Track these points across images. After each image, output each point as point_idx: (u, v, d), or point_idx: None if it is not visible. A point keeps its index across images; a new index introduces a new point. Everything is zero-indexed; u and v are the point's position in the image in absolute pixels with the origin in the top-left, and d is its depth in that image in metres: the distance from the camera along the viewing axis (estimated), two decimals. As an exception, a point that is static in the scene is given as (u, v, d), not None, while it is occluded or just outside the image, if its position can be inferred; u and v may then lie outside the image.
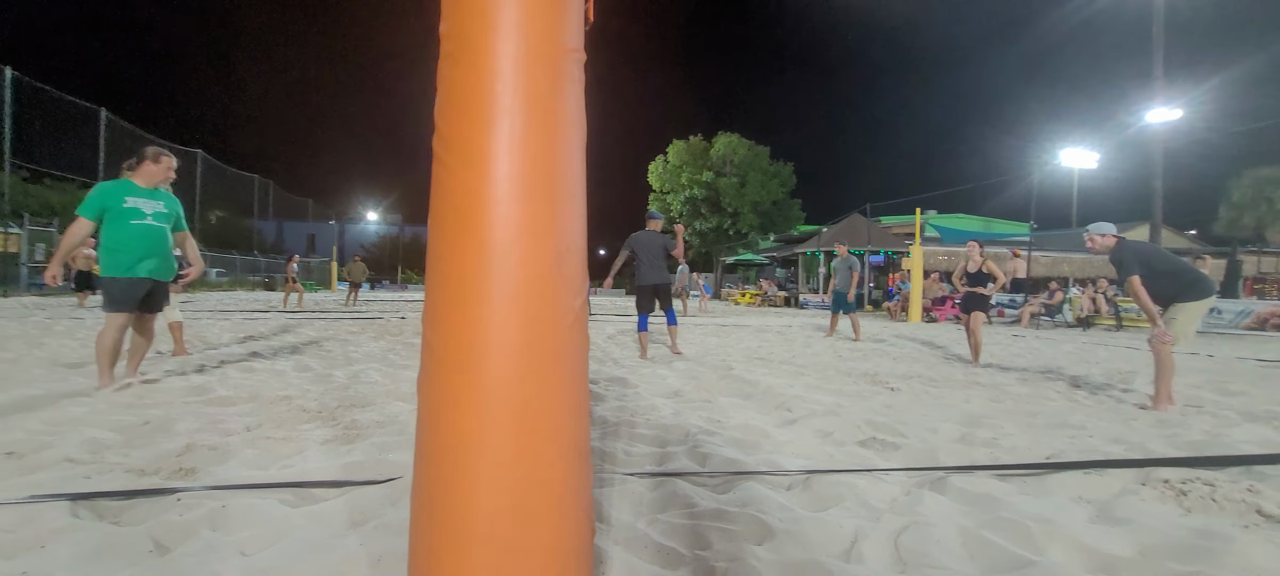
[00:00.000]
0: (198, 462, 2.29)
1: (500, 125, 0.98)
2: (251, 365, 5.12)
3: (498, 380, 0.95)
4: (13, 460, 2.39)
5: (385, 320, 10.90)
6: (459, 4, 1.02)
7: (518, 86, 0.99)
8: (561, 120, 1.04)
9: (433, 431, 0.97)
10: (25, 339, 6.80)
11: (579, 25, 1.11)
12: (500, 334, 0.95)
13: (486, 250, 0.96)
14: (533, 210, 0.99)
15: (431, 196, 1.05)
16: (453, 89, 1.02)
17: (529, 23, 1.01)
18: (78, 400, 3.54)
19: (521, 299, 0.97)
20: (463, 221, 0.98)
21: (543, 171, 1.00)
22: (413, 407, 3.35)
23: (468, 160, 0.99)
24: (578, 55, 1.09)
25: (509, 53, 0.99)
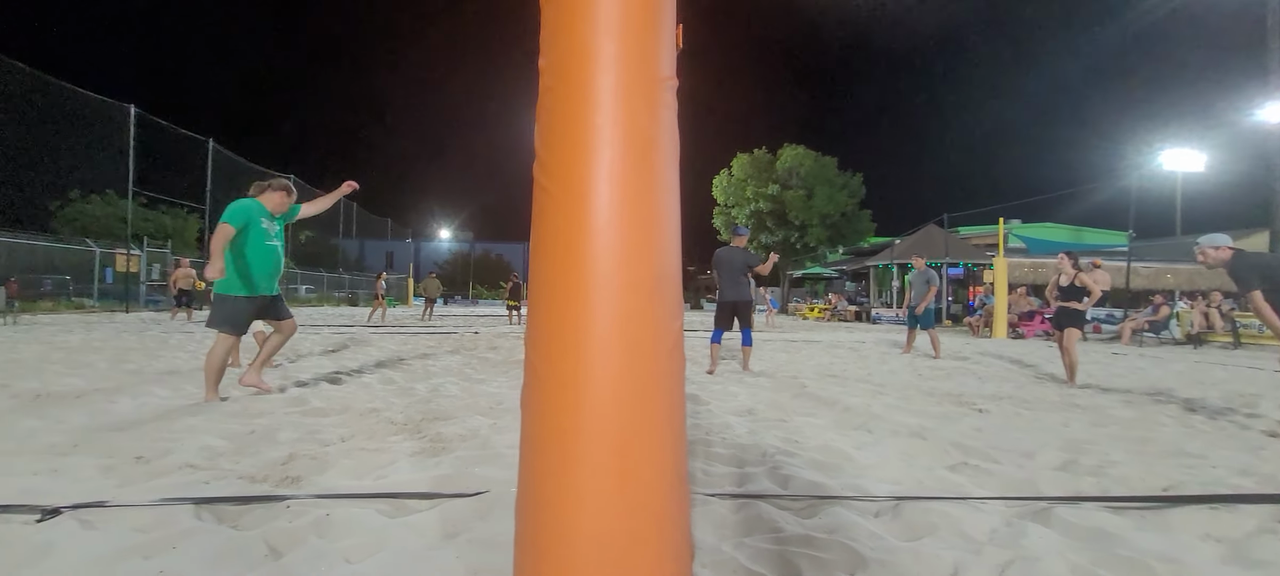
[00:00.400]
0: (301, 471, 2.44)
1: (600, 155, 1.01)
2: (341, 378, 5.42)
3: (600, 404, 0.96)
4: (142, 465, 2.62)
5: (460, 335, 11.30)
6: (558, 40, 1.06)
7: (617, 117, 1.02)
8: (657, 148, 1.06)
9: (537, 452, 1.00)
10: (144, 351, 7.47)
11: (672, 54, 1.12)
12: (602, 358, 0.97)
13: (588, 277, 0.99)
14: (632, 237, 1.00)
15: (533, 223, 1.08)
16: (553, 120, 1.05)
17: (626, 55, 1.03)
18: (192, 408, 3.85)
19: (622, 325, 0.98)
20: (565, 248, 1.01)
21: (641, 199, 1.02)
22: (492, 422, 3.45)
23: (569, 189, 1.02)
24: (671, 83, 1.11)
25: (607, 84, 1.02)
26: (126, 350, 7.49)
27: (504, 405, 4.04)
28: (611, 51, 1.02)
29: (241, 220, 4.17)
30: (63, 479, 2.38)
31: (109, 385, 4.82)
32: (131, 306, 19.51)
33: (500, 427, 3.30)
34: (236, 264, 4.20)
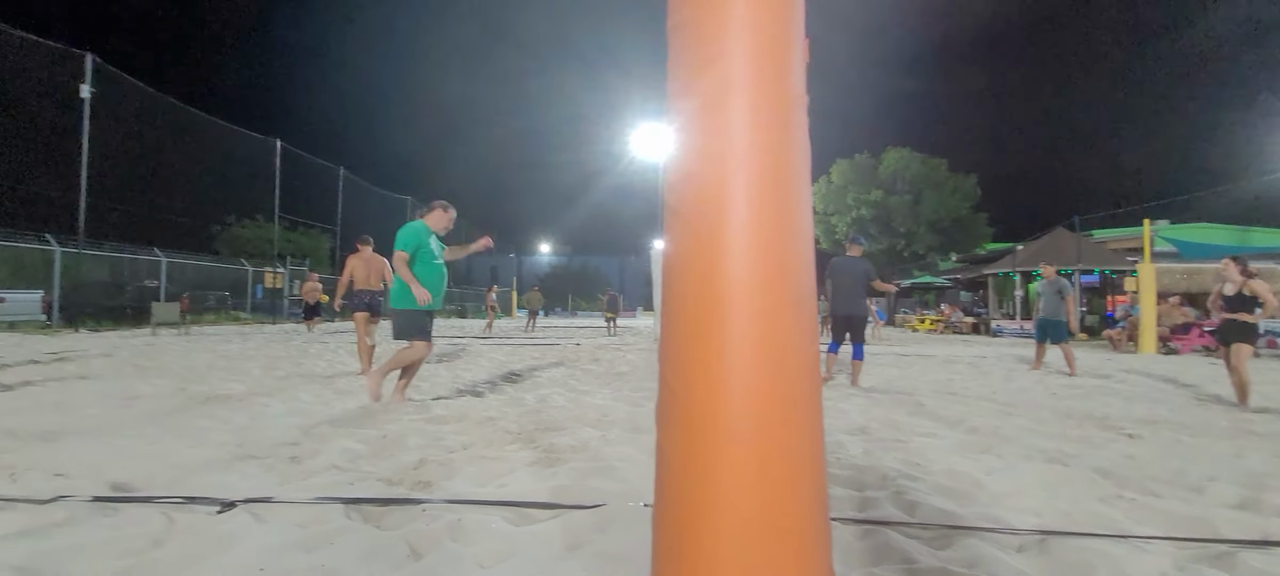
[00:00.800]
0: (431, 476, 2.60)
1: (735, 178, 1.00)
2: (457, 387, 5.75)
3: (740, 428, 0.95)
4: (295, 464, 2.91)
5: (562, 347, 11.66)
6: (689, 63, 1.07)
7: (750, 139, 1.01)
8: (792, 169, 1.04)
9: (676, 471, 1.01)
10: (288, 359, 8.32)
11: (803, 71, 1.10)
12: (741, 382, 0.96)
13: (724, 299, 0.98)
14: (768, 259, 0.99)
15: (666, 244, 1.10)
16: (685, 144, 1.06)
17: (759, 76, 1.02)
18: (331, 412, 4.23)
19: (761, 348, 0.97)
20: (700, 271, 1.02)
21: (775, 221, 1.00)
22: (602, 435, 3.52)
23: (703, 213, 1.02)
24: (802, 100, 1.09)
25: (741, 105, 1.02)
26: (275, 358, 8.37)
27: (610, 418, 4.12)
28: (743, 72, 1.02)
29: (414, 243, 4.59)
30: (233, 474, 2.69)
31: (262, 390, 5.40)
32: (278, 318, 21.82)
33: (609, 440, 3.36)
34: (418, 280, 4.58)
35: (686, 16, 1.10)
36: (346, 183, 31.13)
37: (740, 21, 1.04)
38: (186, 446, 3.27)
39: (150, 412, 4.25)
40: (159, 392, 5.13)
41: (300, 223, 28.78)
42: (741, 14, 1.04)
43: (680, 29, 1.11)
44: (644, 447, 3.18)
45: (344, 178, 30.46)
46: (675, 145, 1.08)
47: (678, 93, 1.10)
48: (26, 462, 2.79)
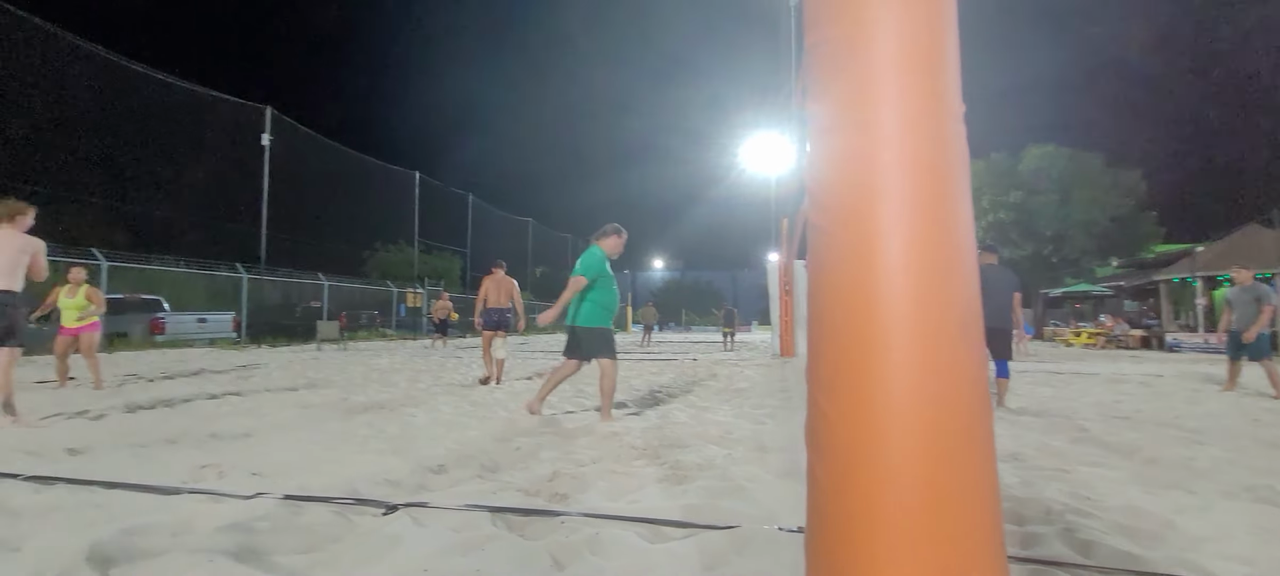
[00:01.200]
0: (566, 488, 2.71)
1: (887, 194, 0.97)
2: (581, 401, 5.95)
3: (903, 460, 0.91)
4: (443, 473, 3.14)
5: (679, 361, 11.71)
6: (836, 78, 1.05)
7: (904, 154, 0.97)
8: (951, 184, 0.98)
9: (832, 499, 0.98)
10: (429, 372, 9.04)
11: (958, 83, 1.04)
12: (903, 410, 0.91)
13: (881, 321, 0.95)
14: (929, 280, 0.94)
15: (811, 264, 1.08)
16: (832, 159, 1.04)
17: (912, 88, 0.98)
18: (470, 422, 4.53)
19: (924, 374, 0.92)
20: (853, 291, 0.98)
21: (935, 239, 0.95)
22: (727, 453, 3.49)
23: (854, 230, 0.99)
24: (959, 112, 1.03)
25: (892, 120, 0.98)
26: (417, 371, 9.14)
27: (733, 436, 4.07)
28: (895, 86, 0.98)
29: (596, 270, 4.83)
30: (392, 479, 2.96)
31: (408, 400, 5.91)
32: (417, 334, 23.85)
33: (735, 459, 3.32)
34: (601, 301, 4.84)
35: (829, 32, 1.08)
36: (475, 208, 33.53)
37: (889, 35, 1.01)
38: (352, 451, 3.65)
39: (321, 419, 4.79)
40: (326, 402, 5.78)
41: (435, 246, 31.39)
42: (890, 28, 1.00)
43: (823, 45, 1.09)
44: (771, 468, 3.10)
45: (473, 204, 32.82)
46: (819, 161, 1.06)
47: (821, 109, 1.08)
48: (230, 462, 3.24)
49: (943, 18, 1.03)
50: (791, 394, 6.40)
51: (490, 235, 34.83)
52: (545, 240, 41.08)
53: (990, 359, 5.69)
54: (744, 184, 28.10)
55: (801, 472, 2.93)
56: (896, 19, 0.99)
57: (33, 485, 2.78)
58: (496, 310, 7.49)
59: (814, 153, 1.08)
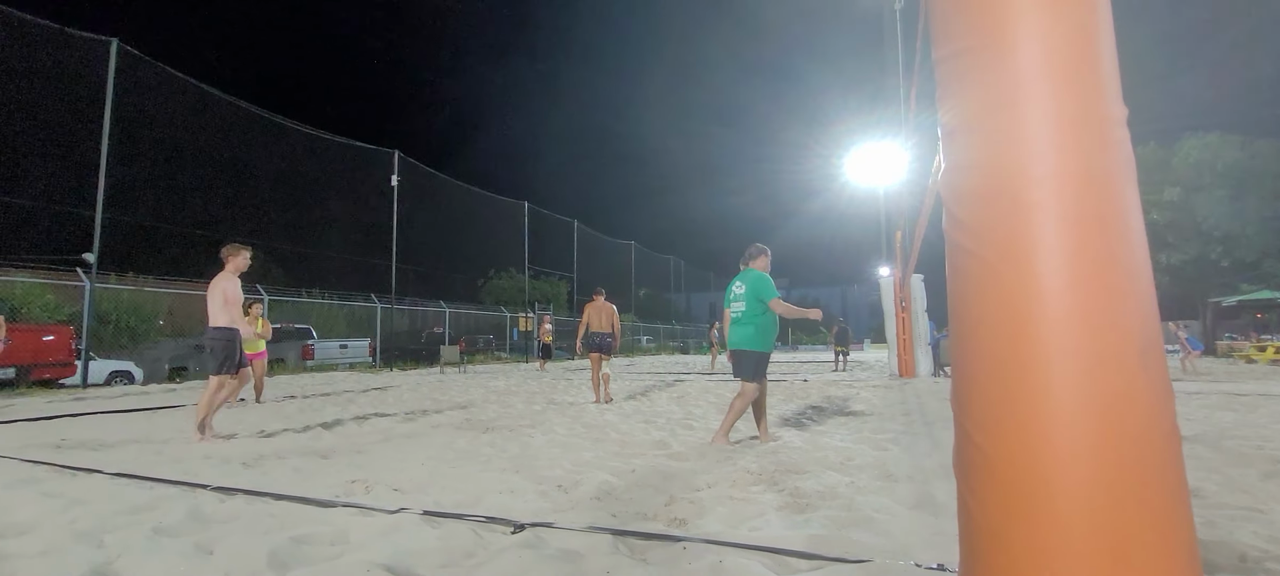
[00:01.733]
0: (684, 514, 2.70)
1: (1044, 212, 0.90)
2: (690, 423, 5.93)
3: (1077, 505, 0.82)
4: (563, 492, 3.24)
5: (788, 382, 11.37)
6: (974, 86, 1.00)
7: (1059, 168, 0.90)
8: (1116, 196, 0.89)
9: (991, 542, 0.91)
10: (542, 394, 9.39)
11: (1118, 86, 0.95)
12: (1075, 449, 0.83)
13: (1045, 351, 0.87)
14: (1099, 303, 0.86)
15: (955, 287, 1.02)
16: (977, 175, 0.98)
17: (1063, 96, 0.91)
18: (583, 443, 4.65)
19: (1098, 408, 0.83)
20: (1010, 318, 0.92)
21: (1103, 258, 0.87)
22: (849, 481, 3.33)
23: (1007, 251, 0.93)
24: (1122, 119, 0.93)
25: (1043, 132, 0.91)
26: (532, 393, 9.54)
27: (855, 462, 3.88)
28: (1045, 94, 0.91)
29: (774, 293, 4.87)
30: (517, 498, 3.10)
31: (526, 421, 6.17)
32: (529, 357, 24.92)
33: (859, 487, 3.16)
34: (765, 326, 4.82)
35: (966, 43, 1.02)
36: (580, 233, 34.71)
37: (1034, 40, 0.94)
38: (477, 469, 3.86)
39: (449, 438, 5.12)
40: (453, 422, 6.17)
41: (543, 271, 32.78)
42: (1036, 32, 0.94)
43: (958, 56, 1.04)
44: (900, 498, 2.92)
45: (578, 229, 34.00)
46: (960, 177, 1.01)
47: (959, 122, 1.02)
48: (374, 477, 3.54)
49: (1095, 14, 0.95)
50: (914, 417, 6.01)
51: (595, 259, 35.90)
52: (648, 261, 41.70)
53: None
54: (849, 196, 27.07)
55: (935, 504, 2.75)
56: (1042, 22, 0.92)
57: (218, 495, 3.19)
58: (598, 334, 7.96)
59: (953, 168, 1.02)
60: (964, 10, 1.00)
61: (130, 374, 13.78)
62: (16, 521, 2.75)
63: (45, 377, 11.05)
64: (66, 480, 3.60)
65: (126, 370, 13.80)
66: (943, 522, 2.53)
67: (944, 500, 2.87)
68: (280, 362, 15.78)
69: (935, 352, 12.54)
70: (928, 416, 6.01)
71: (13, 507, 2.96)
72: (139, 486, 3.39)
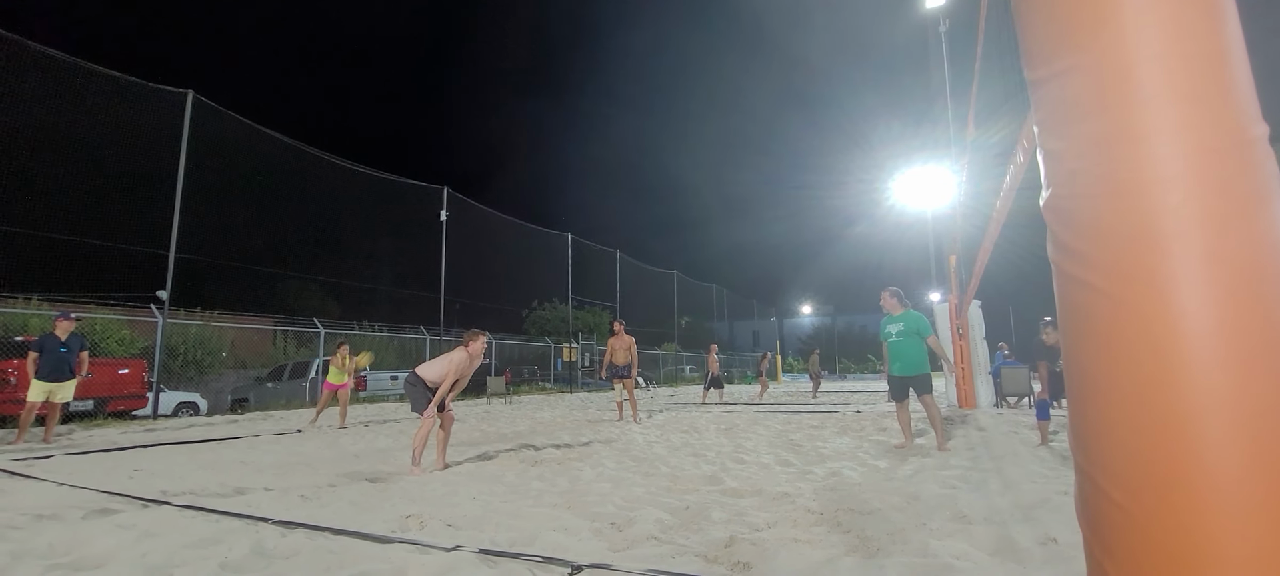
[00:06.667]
0: (748, 557, 2.59)
1: (1182, 244, 0.81)
2: (741, 456, 5.77)
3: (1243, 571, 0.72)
4: (617, 531, 3.17)
5: (840, 414, 11.03)
6: (1085, 113, 0.92)
7: (1196, 195, 0.81)
8: (1265, 229, 0.80)
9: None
10: (590, 425, 9.34)
11: (1254, 100, 0.86)
12: (1236, 516, 0.73)
13: (1197, 401, 0.78)
14: (1257, 346, 0.76)
15: (1072, 324, 0.93)
16: (1098, 206, 0.90)
17: (1193, 116, 0.83)
18: (631, 478, 4.56)
19: (1263, 469, 0.73)
20: (1151, 363, 0.82)
21: (1256, 296, 0.77)
22: (920, 523, 3.15)
23: (1143, 290, 0.84)
24: (1264, 136, 0.84)
25: (1173, 156, 0.83)
26: (578, 425, 9.50)
27: (921, 500, 3.68)
28: (1173, 115, 0.83)
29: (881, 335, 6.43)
30: (572, 536, 3.04)
31: (573, 455, 6.12)
32: (574, 388, 24.98)
33: (932, 531, 2.98)
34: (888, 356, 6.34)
35: (1070, 62, 0.95)
36: (622, 263, 34.89)
37: (1155, 56, 0.86)
38: (529, 504, 3.82)
39: (499, 472, 5.11)
40: (500, 454, 6.17)
41: (587, 302, 33.00)
42: (1155, 48, 0.86)
43: (1062, 77, 0.97)
44: (978, 542, 2.74)
45: (620, 260, 34.19)
46: (1075, 208, 0.93)
47: (1069, 149, 0.95)
48: (429, 512, 3.54)
49: (1221, 24, 0.87)
50: (980, 452, 5.70)
51: (638, 288, 35.97)
52: (690, 290, 41.55)
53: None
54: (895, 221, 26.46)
55: (1017, 550, 2.56)
56: (1163, 38, 0.84)
57: (279, 529, 3.23)
58: (615, 366, 9.74)
59: (1061, 199, 0.94)
60: (1067, 29, 0.93)
61: (196, 405, 14.40)
62: (92, 554, 2.84)
63: (119, 409, 11.63)
64: (139, 511, 3.72)
65: (192, 401, 14.43)
66: (1030, 571, 2.35)
67: (1026, 545, 2.67)
68: (335, 394, 16.24)
69: (996, 382, 11.97)
70: (994, 451, 5.70)
71: (90, 539, 3.06)
72: (205, 519, 3.48)
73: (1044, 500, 3.51)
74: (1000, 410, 11.15)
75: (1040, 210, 1.04)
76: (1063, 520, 2.97)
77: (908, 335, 6.15)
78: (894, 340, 6.25)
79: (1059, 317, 0.96)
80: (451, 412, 5.74)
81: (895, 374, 6.25)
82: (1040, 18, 1.01)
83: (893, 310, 6.35)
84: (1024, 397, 11.68)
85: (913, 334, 6.13)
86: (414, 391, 5.52)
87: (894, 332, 6.26)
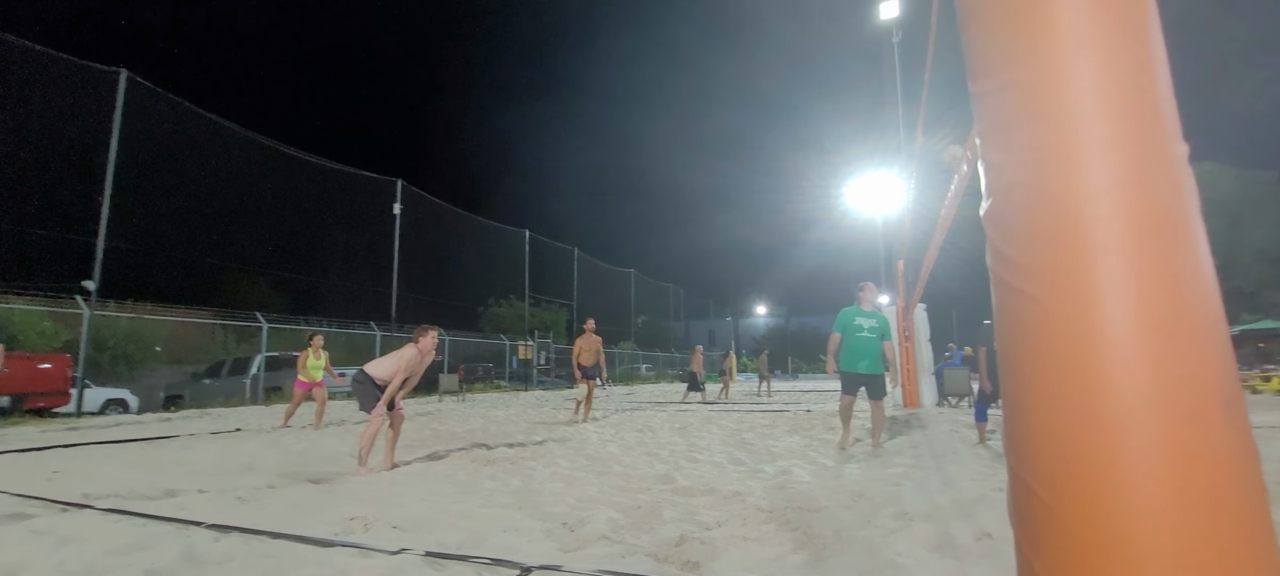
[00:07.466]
0: (697, 556, 2.61)
1: (1111, 255, 0.84)
2: (694, 455, 5.81)
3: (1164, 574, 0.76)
4: (569, 531, 3.14)
5: (791, 413, 11.24)
6: (1021, 126, 0.95)
7: (1124, 209, 0.85)
8: (1186, 238, 0.85)
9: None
10: (544, 424, 9.26)
11: (1177, 120, 0.91)
12: (1154, 513, 0.77)
13: (1120, 404, 0.81)
14: (1177, 352, 0.80)
15: (1010, 329, 0.96)
16: (1031, 217, 0.93)
17: (1123, 133, 0.87)
18: (585, 477, 4.54)
19: (1179, 469, 0.77)
20: (1077, 368, 0.86)
21: (1178, 303, 0.82)
22: (865, 519, 3.23)
23: (1070, 297, 0.87)
24: (1184, 155, 0.89)
25: (1103, 171, 0.86)
26: (533, 424, 9.40)
27: (867, 498, 3.78)
28: (1104, 131, 0.87)
29: (841, 326, 6.15)
30: (522, 537, 3.00)
31: (527, 454, 6.05)
32: (529, 386, 24.72)
33: (876, 526, 3.06)
34: (845, 348, 6.09)
35: (1011, 77, 0.99)
36: (580, 261, 34.73)
37: (1088, 74, 0.90)
38: (479, 504, 3.75)
39: (449, 472, 5.00)
40: (452, 453, 6.05)
41: (544, 299, 32.69)
42: (1089, 66, 0.90)
43: (1002, 92, 1.00)
44: (920, 539, 2.83)
45: (578, 257, 34.03)
46: (1011, 218, 0.96)
47: (1007, 161, 0.98)
48: (373, 514, 3.44)
49: (1149, 43, 0.91)
50: (923, 450, 5.91)
51: (595, 287, 35.85)
52: (647, 289, 41.68)
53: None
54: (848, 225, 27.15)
55: (956, 547, 2.65)
56: (1097, 58, 0.88)
57: (213, 533, 3.08)
58: (583, 366, 9.47)
59: (1000, 209, 0.98)
60: (1008, 46, 0.96)
61: (125, 402, 13.63)
62: (4, 562, 2.64)
63: (39, 406, 10.90)
64: (57, 516, 3.49)
65: (121, 398, 13.65)
66: (967, 567, 2.44)
67: (964, 541, 2.77)
68: (276, 391, 15.60)
69: (939, 382, 12.43)
70: (936, 449, 5.91)
71: (1, 546, 2.85)
72: (131, 524, 3.29)
73: (981, 497, 3.66)
74: (942, 408, 11.58)
75: (980, 219, 1.08)
76: (998, 516, 3.09)
77: (876, 333, 6.01)
78: (864, 335, 6.01)
79: (995, 324, 1.00)
80: (402, 411, 5.59)
81: (862, 371, 6.00)
82: (984, 34, 1.04)
83: (869, 305, 6.16)
84: (964, 398, 12.15)
85: (880, 334, 6.02)
86: (362, 389, 5.36)
87: (866, 327, 6.03)
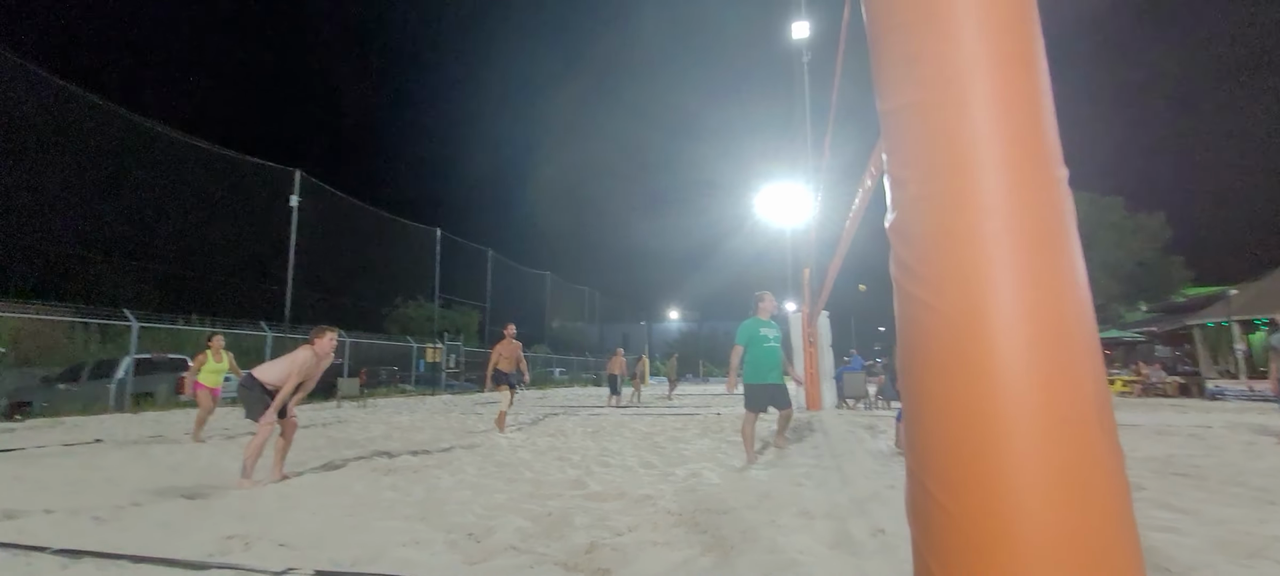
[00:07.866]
0: (608, 563, 2.58)
1: (1000, 268, 0.90)
2: (606, 459, 5.79)
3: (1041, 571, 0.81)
4: (474, 542, 3.02)
5: (701, 416, 11.47)
6: (924, 144, 1.00)
7: (1013, 225, 0.91)
8: (1066, 255, 0.91)
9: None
10: (451, 431, 8.92)
11: (1059, 146, 0.99)
12: (1037, 511, 0.82)
13: (1005, 408, 0.86)
14: (1055, 360, 0.86)
15: (910, 336, 1.00)
16: (930, 231, 0.98)
17: (1014, 154, 0.93)
18: (496, 486, 4.40)
19: (1059, 471, 0.83)
20: (969, 374, 0.91)
21: (1057, 315, 0.88)
22: (770, 519, 3.32)
23: (963, 305, 0.92)
24: (1065, 178, 0.97)
25: (995, 189, 0.92)
26: (440, 430, 9.03)
27: (773, 499, 3.90)
28: (997, 152, 0.93)
29: (745, 338, 5.72)
30: (424, 551, 2.85)
31: (432, 462, 5.79)
32: (437, 390, 23.78)
33: (780, 526, 3.16)
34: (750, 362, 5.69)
35: (914, 97, 1.03)
36: (494, 262, 33.94)
37: (984, 98, 0.96)
38: (378, 517, 3.54)
39: (346, 482, 4.69)
40: (350, 462, 5.69)
41: (455, 301, 31.65)
42: (985, 90, 0.96)
43: (905, 111, 1.05)
44: (820, 537, 2.94)
45: (492, 259, 33.24)
46: (912, 231, 1.00)
47: (910, 177, 1.02)
48: (257, 531, 3.15)
49: (1038, 75, 0.98)
50: (823, 451, 6.19)
51: (509, 289, 35.12)
52: (562, 292, 41.37)
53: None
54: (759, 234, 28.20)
55: (854, 543, 2.78)
56: (993, 83, 0.94)
57: (60, 560, 2.71)
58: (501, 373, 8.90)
59: (904, 222, 1.02)
60: (914, 66, 1.01)
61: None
62: None
63: None
64: None
65: (-49, 405, 11.85)
66: (862, 562, 2.56)
67: (860, 538, 2.91)
68: (148, 398, 14.10)
69: (839, 386, 13.12)
70: (836, 450, 6.21)
71: None
72: (-47, 552, 2.83)
73: (875, 494, 3.87)
74: (841, 410, 12.24)
75: (886, 231, 1.12)
76: (890, 512, 3.28)
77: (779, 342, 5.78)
78: (770, 345, 5.70)
79: (898, 330, 1.04)
80: (294, 419, 5.18)
81: (773, 382, 5.66)
82: (891, 57, 1.09)
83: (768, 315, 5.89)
84: (861, 399, 12.90)
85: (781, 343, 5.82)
86: (250, 396, 4.92)
87: (771, 337, 5.73)
